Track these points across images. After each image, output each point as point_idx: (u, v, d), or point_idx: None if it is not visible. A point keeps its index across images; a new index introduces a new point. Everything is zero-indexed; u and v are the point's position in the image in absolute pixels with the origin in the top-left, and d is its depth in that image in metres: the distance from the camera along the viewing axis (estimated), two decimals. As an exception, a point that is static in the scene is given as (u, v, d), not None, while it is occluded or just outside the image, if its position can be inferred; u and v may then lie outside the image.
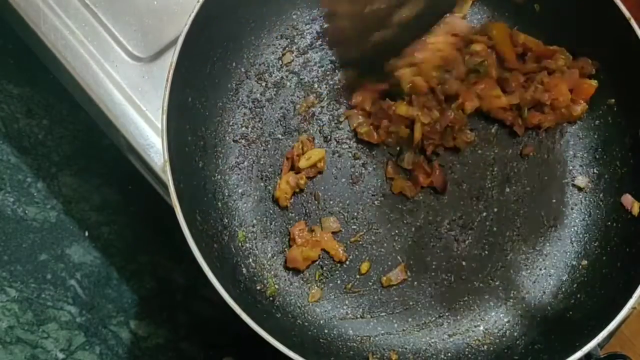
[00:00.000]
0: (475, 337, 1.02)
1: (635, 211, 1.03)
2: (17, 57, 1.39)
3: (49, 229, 1.33)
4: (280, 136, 1.08)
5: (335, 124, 1.09)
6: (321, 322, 1.01)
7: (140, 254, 1.34)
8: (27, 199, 1.33)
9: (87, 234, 1.34)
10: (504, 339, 1.02)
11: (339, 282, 1.04)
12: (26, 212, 1.33)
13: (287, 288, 1.02)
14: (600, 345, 1.19)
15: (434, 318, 1.03)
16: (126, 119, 1.11)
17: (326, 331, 1.01)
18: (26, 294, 1.29)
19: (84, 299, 1.31)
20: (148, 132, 1.11)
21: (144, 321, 1.32)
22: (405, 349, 1.02)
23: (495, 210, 1.08)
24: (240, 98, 1.09)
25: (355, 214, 1.06)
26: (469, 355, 1.01)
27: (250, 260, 1.02)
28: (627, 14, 1.02)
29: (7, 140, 1.35)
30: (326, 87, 1.11)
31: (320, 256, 1.03)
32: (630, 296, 0.92)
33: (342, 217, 1.06)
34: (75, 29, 1.15)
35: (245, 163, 1.06)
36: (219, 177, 1.04)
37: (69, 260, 1.32)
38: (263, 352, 0.89)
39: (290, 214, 1.05)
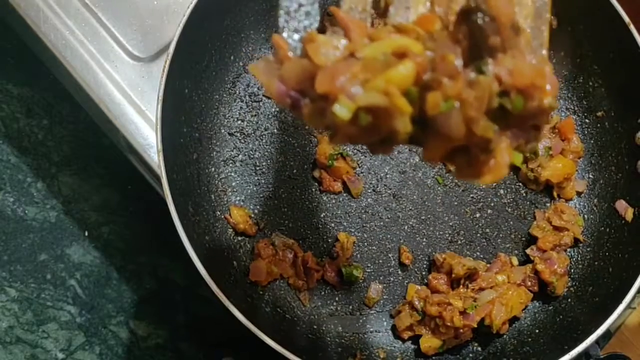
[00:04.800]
0: (466, 337, 1.01)
1: (628, 217, 1.03)
2: (17, 57, 1.39)
3: (49, 229, 1.33)
4: (275, 131, 1.08)
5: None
6: (310, 317, 1.02)
7: (140, 254, 1.34)
8: (27, 199, 1.33)
9: (86, 234, 1.34)
10: (493, 340, 1.02)
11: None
12: (26, 212, 1.33)
13: (277, 283, 1.03)
14: (600, 345, 1.19)
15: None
16: (126, 119, 1.11)
17: (315, 327, 1.01)
18: (26, 293, 1.29)
19: (84, 299, 1.30)
20: (148, 132, 1.11)
21: (143, 321, 1.32)
22: (394, 347, 1.02)
23: (489, 212, 1.08)
24: (237, 91, 1.09)
25: (350, 217, 1.06)
26: (458, 356, 1.01)
27: (241, 253, 1.03)
28: (626, 18, 1.02)
29: (7, 140, 1.35)
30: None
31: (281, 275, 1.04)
32: (620, 302, 0.93)
33: (340, 216, 1.06)
34: (75, 29, 1.15)
35: (240, 157, 1.07)
36: (213, 169, 1.05)
37: (68, 260, 1.32)
38: (262, 353, 0.89)
39: (283, 209, 1.06)
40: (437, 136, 0.54)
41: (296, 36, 0.62)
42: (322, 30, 0.58)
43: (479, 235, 1.07)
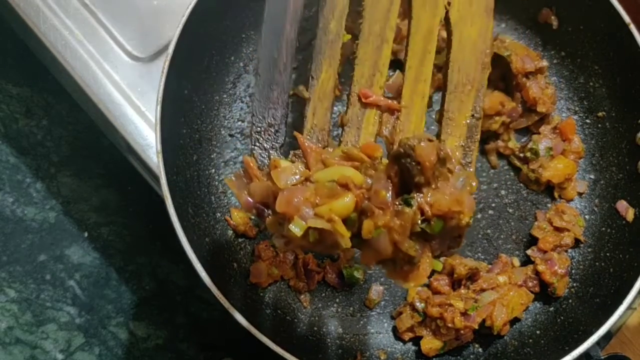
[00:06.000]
0: (467, 339, 1.01)
1: (629, 217, 1.03)
2: (17, 57, 1.39)
3: (48, 229, 1.33)
4: (276, 131, 1.08)
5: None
6: (311, 319, 1.01)
7: (140, 255, 1.34)
8: (26, 200, 1.33)
9: (86, 234, 1.33)
10: (494, 341, 1.02)
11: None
12: (25, 212, 1.33)
13: (277, 284, 1.02)
14: (600, 346, 1.19)
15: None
16: (125, 119, 1.11)
17: (315, 328, 1.01)
18: (25, 294, 1.29)
19: (83, 300, 1.30)
20: (147, 132, 1.11)
21: (143, 322, 1.32)
22: (395, 348, 1.02)
23: (490, 213, 1.08)
24: (238, 92, 1.09)
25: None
26: (459, 357, 1.01)
27: (242, 255, 1.02)
28: (626, 18, 1.02)
29: (6, 141, 1.35)
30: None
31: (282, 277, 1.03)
32: (621, 302, 0.93)
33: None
34: (74, 29, 1.15)
35: (240, 158, 1.06)
36: (214, 171, 1.05)
37: (68, 261, 1.32)
38: (263, 354, 0.89)
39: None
40: (370, 250, 0.67)
41: (265, 153, 0.76)
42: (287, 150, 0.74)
43: (480, 236, 1.07)
